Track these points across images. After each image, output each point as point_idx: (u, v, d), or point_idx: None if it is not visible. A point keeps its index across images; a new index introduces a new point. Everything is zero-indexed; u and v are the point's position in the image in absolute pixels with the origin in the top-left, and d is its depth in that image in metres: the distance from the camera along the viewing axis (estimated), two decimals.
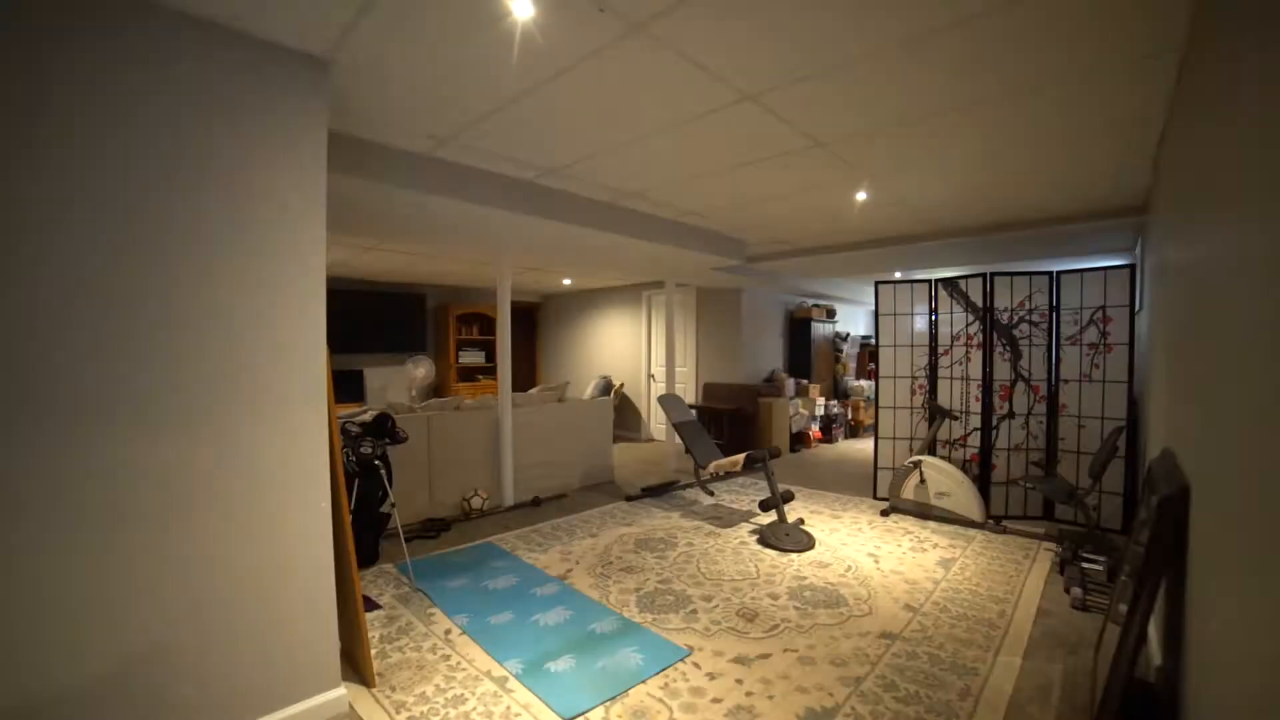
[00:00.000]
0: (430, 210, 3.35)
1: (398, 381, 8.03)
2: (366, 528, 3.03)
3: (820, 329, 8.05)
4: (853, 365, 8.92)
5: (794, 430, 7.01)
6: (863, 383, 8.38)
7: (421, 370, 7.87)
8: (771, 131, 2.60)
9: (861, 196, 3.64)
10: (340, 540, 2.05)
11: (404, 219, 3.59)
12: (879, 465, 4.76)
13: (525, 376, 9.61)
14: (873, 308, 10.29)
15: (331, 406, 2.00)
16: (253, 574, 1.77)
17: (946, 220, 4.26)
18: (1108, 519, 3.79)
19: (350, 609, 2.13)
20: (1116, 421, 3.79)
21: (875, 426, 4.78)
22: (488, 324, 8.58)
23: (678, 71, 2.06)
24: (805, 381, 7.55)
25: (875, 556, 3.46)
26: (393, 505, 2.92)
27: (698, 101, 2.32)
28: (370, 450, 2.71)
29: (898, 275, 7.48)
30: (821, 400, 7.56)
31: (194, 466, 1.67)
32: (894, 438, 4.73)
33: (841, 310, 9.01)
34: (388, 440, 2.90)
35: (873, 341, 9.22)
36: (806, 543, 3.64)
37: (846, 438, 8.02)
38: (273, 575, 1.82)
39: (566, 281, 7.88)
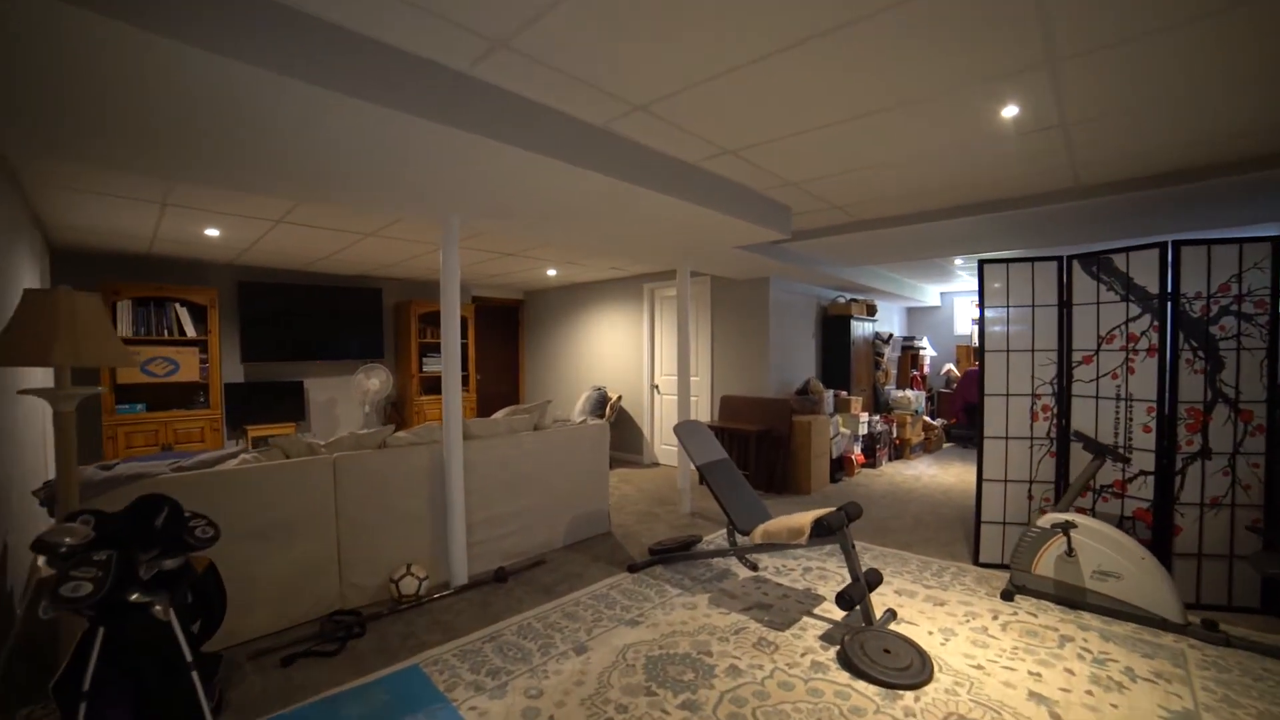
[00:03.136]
0: (289, 116, 1.96)
1: (347, 395, 6.61)
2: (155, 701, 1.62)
3: (859, 329, 6.65)
4: (894, 372, 7.54)
5: (834, 454, 5.63)
6: (908, 393, 7.00)
7: (375, 381, 6.46)
8: None
9: (1011, 113, 2.26)
10: None
11: (230, 128, 2.19)
12: (984, 518, 3.38)
13: (507, 389, 8.19)
14: (913, 304, 8.95)
15: None
16: None
17: (1110, 164, 2.89)
18: None
19: None
20: None
21: (979, 465, 3.40)
22: (460, 325, 7.15)
23: None
24: (844, 394, 6.16)
25: (1045, 699, 2.08)
26: (196, 667, 1.49)
27: None
28: (92, 589, 1.25)
29: (958, 262, 6.13)
30: (864, 416, 6.18)
31: None
32: (1005, 480, 3.36)
33: (880, 306, 7.64)
34: (159, 551, 1.46)
35: (915, 343, 7.87)
36: (919, 668, 2.25)
37: (890, 460, 6.65)
38: None
39: (551, 272, 6.48)
